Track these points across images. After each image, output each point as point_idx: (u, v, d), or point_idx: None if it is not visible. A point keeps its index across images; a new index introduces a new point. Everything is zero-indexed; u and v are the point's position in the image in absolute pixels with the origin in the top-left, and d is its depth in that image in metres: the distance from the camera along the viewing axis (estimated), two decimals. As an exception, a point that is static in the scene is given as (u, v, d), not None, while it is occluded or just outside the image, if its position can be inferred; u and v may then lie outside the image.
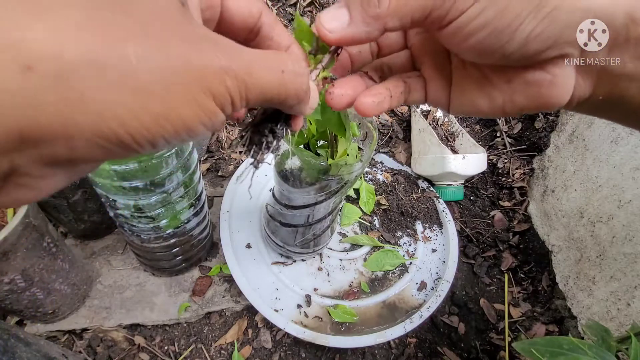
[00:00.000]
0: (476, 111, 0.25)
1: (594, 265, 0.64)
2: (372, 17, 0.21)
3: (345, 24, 0.21)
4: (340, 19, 0.21)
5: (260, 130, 0.22)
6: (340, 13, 0.22)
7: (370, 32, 0.21)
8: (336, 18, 0.22)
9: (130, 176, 0.42)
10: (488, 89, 0.24)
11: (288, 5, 0.91)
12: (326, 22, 0.22)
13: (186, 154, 0.46)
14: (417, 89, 0.27)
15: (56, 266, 0.49)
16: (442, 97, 0.27)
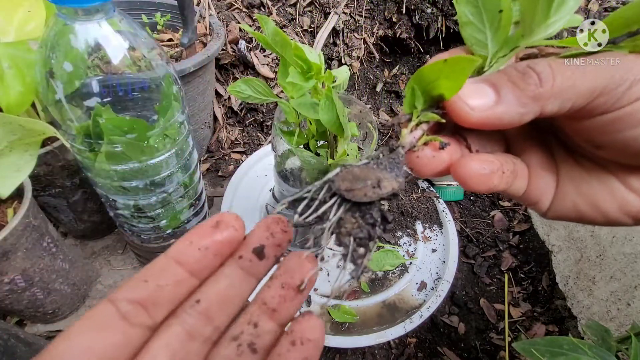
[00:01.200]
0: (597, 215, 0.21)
1: (594, 265, 0.64)
2: (531, 97, 0.17)
3: (491, 102, 0.18)
4: (485, 95, 0.18)
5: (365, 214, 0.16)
6: (482, 89, 0.18)
7: (523, 115, 0.18)
8: (480, 94, 0.18)
9: (130, 176, 0.42)
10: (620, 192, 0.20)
11: (288, 5, 0.91)
12: (468, 96, 0.18)
13: (186, 154, 0.46)
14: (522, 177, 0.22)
15: (56, 266, 0.49)
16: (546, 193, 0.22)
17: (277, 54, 0.40)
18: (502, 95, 0.18)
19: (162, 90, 0.39)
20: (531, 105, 0.17)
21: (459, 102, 0.18)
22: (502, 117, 0.18)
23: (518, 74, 0.18)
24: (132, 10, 0.71)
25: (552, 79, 0.17)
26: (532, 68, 0.17)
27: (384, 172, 0.17)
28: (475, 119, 0.18)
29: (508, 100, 0.17)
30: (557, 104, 0.17)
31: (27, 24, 0.41)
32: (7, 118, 0.36)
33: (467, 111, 0.18)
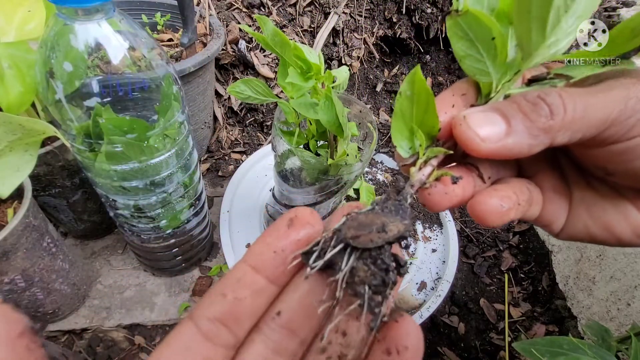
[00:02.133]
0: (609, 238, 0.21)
1: (594, 265, 0.64)
2: (542, 129, 0.17)
3: (502, 133, 0.17)
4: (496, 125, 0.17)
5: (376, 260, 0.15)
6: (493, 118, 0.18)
7: (533, 147, 0.17)
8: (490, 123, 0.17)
9: (130, 176, 0.42)
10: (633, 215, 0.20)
11: (288, 5, 0.91)
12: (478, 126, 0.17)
13: (186, 154, 0.46)
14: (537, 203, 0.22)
15: (56, 266, 0.49)
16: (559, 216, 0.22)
17: (276, 54, 0.40)
18: (513, 125, 0.17)
19: (162, 90, 0.39)
20: (542, 137, 0.17)
21: (469, 132, 0.17)
22: (512, 148, 0.17)
23: (528, 105, 0.17)
24: (132, 10, 0.71)
25: (564, 111, 0.17)
26: (543, 99, 0.17)
27: (389, 215, 0.17)
28: (486, 150, 0.17)
29: (519, 131, 0.17)
30: (568, 135, 0.17)
31: (27, 24, 0.41)
32: (7, 117, 0.36)
33: (478, 142, 0.17)
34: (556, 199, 0.22)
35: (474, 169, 0.21)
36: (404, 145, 0.20)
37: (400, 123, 0.20)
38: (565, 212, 0.22)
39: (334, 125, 0.38)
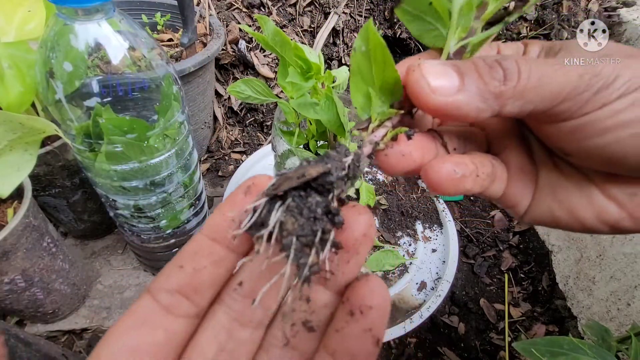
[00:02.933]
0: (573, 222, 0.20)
1: (594, 265, 0.64)
2: (493, 93, 0.16)
3: (454, 88, 0.16)
4: (449, 79, 0.17)
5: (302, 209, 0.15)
6: (448, 72, 0.17)
7: (481, 111, 0.17)
8: (444, 76, 0.17)
9: (130, 176, 0.42)
10: (598, 199, 0.19)
11: (288, 5, 0.91)
12: (431, 75, 0.17)
13: (186, 154, 0.46)
14: (501, 180, 0.21)
15: (56, 266, 0.49)
16: (524, 197, 0.21)
17: (276, 54, 0.40)
18: (466, 83, 0.17)
19: (162, 90, 0.39)
20: (491, 102, 0.17)
21: (421, 81, 0.17)
22: (461, 107, 0.16)
23: (485, 66, 0.17)
24: (132, 10, 0.71)
25: (517, 77, 0.16)
26: (500, 63, 0.17)
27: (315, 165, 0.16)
28: (434, 104, 0.16)
29: (470, 90, 0.16)
30: (518, 105, 0.17)
31: (27, 24, 0.41)
32: (7, 116, 0.36)
33: (428, 93, 0.16)
34: (522, 179, 0.21)
35: (438, 137, 0.20)
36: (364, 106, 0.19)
37: (359, 82, 0.19)
38: (531, 194, 0.21)
39: (335, 124, 0.38)
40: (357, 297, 0.15)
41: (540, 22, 0.89)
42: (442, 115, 0.17)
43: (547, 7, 0.89)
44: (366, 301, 0.15)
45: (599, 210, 0.19)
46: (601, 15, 0.85)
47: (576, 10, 0.87)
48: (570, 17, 0.87)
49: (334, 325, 0.15)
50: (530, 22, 0.90)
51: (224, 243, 0.16)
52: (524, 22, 0.90)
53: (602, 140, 0.17)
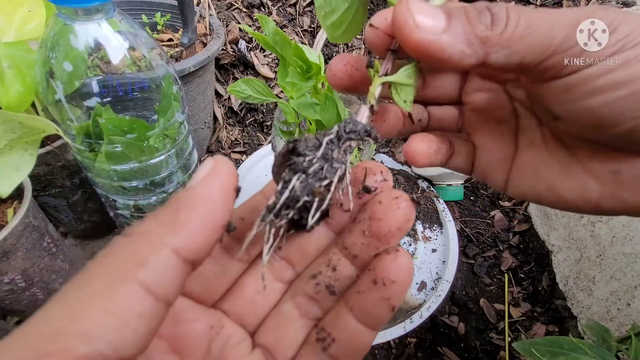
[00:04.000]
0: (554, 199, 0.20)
1: (594, 265, 0.64)
2: (478, 37, 0.16)
3: (440, 28, 0.16)
4: (436, 18, 0.16)
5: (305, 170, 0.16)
6: (435, 12, 0.16)
7: (466, 56, 0.16)
8: (431, 15, 0.16)
9: (130, 176, 0.42)
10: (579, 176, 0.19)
11: (288, 5, 0.91)
12: (418, 11, 0.16)
13: (186, 154, 0.46)
14: (461, 154, 0.23)
15: (56, 266, 0.49)
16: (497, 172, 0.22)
17: (277, 54, 0.40)
18: (452, 25, 0.16)
19: (162, 90, 0.39)
20: (476, 46, 0.16)
21: (406, 14, 0.16)
22: (444, 48, 0.16)
23: (474, 11, 0.16)
24: (132, 10, 0.71)
25: (505, 24, 0.16)
26: (489, 8, 0.16)
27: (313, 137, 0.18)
28: (416, 40, 0.16)
29: (456, 32, 0.16)
30: (503, 54, 0.16)
31: (27, 24, 0.41)
32: (7, 115, 0.36)
33: (412, 27, 0.16)
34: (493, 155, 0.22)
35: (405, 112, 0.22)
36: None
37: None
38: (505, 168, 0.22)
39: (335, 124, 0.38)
40: (382, 269, 0.16)
41: (540, 22, 0.89)
42: (424, 55, 0.16)
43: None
44: (391, 276, 0.16)
45: (580, 188, 0.19)
46: (601, 15, 0.85)
47: (576, 10, 0.87)
48: (570, 17, 0.87)
49: (356, 286, 0.17)
50: (530, 22, 0.90)
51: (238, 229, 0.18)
52: (524, 22, 0.90)
53: (593, 101, 0.16)
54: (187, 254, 0.13)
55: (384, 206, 0.17)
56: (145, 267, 0.12)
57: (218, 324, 0.18)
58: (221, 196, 0.14)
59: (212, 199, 0.14)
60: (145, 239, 0.13)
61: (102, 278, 0.12)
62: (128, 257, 0.13)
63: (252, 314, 0.18)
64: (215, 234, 0.14)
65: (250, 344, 0.18)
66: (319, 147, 0.17)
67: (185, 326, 0.17)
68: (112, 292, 0.12)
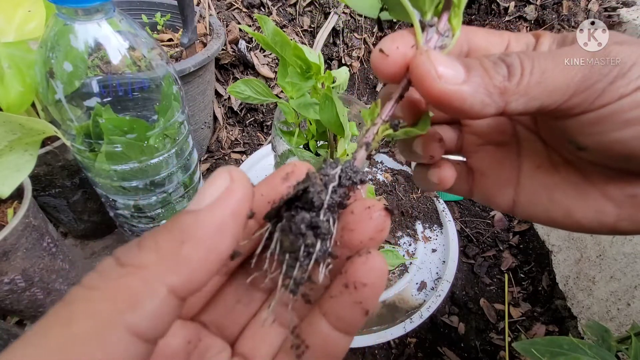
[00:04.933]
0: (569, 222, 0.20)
1: (594, 265, 0.64)
2: (498, 88, 0.16)
3: (460, 79, 0.16)
4: (455, 69, 0.16)
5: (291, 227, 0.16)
6: (454, 63, 0.16)
7: (486, 105, 0.16)
8: (451, 66, 0.16)
9: (130, 176, 0.42)
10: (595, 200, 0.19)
11: (288, 5, 0.91)
12: (439, 62, 0.16)
13: (186, 154, 0.46)
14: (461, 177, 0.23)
15: (56, 266, 0.49)
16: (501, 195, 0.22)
17: (276, 54, 0.40)
18: (471, 76, 0.16)
19: (162, 90, 0.39)
20: (496, 97, 0.16)
21: (428, 65, 0.16)
22: (465, 98, 0.16)
23: (489, 62, 0.17)
24: (132, 10, 0.71)
25: (521, 74, 0.16)
26: (503, 59, 0.17)
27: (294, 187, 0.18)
28: (439, 90, 0.16)
29: (476, 83, 0.16)
30: (522, 102, 0.16)
31: (27, 24, 0.41)
32: (7, 117, 0.36)
33: (434, 77, 0.16)
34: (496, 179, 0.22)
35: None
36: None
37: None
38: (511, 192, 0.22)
39: (334, 124, 0.38)
40: (354, 272, 0.15)
41: (540, 22, 0.89)
42: (445, 104, 0.16)
43: (547, 7, 0.89)
44: (362, 279, 0.15)
45: (597, 211, 0.19)
46: (601, 15, 0.85)
47: (576, 10, 0.87)
48: (570, 17, 0.87)
49: (329, 291, 0.16)
50: (530, 22, 0.90)
51: (256, 218, 0.17)
52: (524, 22, 0.90)
53: (624, 134, 0.16)
54: (183, 293, 0.12)
55: (355, 216, 0.16)
56: (137, 312, 0.11)
57: (195, 337, 0.17)
58: (232, 226, 0.13)
59: (222, 230, 0.13)
60: (141, 276, 0.12)
61: (89, 319, 0.11)
62: (119, 297, 0.11)
63: (232, 324, 0.18)
64: (217, 267, 0.13)
65: (229, 353, 0.18)
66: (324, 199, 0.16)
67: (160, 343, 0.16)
68: (100, 339, 0.11)
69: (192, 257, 0.12)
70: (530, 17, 0.89)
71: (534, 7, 0.89)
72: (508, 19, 0.90)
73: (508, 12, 0.90)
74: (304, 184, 0.16)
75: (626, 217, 0.18)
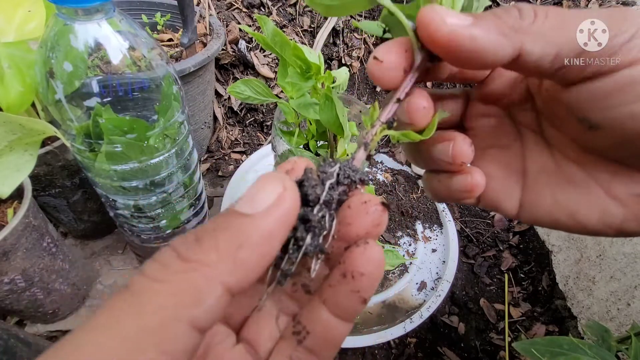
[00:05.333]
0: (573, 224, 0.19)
1: (594, 265, 0.64)
2: (511, 26, 0.15)
3: (468, 22, 0.15)
4: (464, 18, 0.16)
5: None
6: (462, 15, 0.16)
7: (499, 46, 0.15)
8: (459, 17, 0.16)
9: (130, 176, 0.42)
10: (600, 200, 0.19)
11: (288, 5, 0.91)
12: (446, 13, 0.16)
13: (186, 154, 0.46)
14: None
15: (56, 266, 0.49)
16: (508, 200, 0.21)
17: (276, 54, 0.40)
18: (481, 21, 0.16)
19: (162, 90, 0.39)
20: (511, 35, 0.15)
21: (433, 13, 0.16)
22: (477, 39, 0.15)
23: (500, 9, 0.16)
24: (132, 10, 0.71)
25: (534, 16, 0.15)
26: (516, 6, 0.16)
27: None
28: (446, 32, 0.15)
29: (486, 25, 0.15)
30: (539, 45, 0.15)
31: (27, 24, 0.41)
32: (7, 117, 0.36)
33: (439, 22, 0.15)
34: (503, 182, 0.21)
35: None
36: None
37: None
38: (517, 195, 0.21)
39: (334, 124, 0.38)
40: (352, 262, 0.16)
41: (540, 22, 0.89)
42: (455, 50, 0.15)
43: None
44: (360, 268, 0.16)
45: (602, 212, 0.19)
46: (601, 15, 0.85)
47: (576, 10, 0.87)
48: (570, 17, 0.87)
49: (328, 280, 0.17)
50: (530, 22, 0.90)
51: None
52: (524, 22, 0.90)
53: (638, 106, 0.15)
54: (235, 291, 0.13)
55: (352, 211, 0.17)
56: (200, 307, 0.12)
57: None
58: (283, 232, 0.14)
59: (274, 236, 0.14)
60: (204, 274, 0.13)
61: (158, 312, 0.12)
62: (184, 292, 0.12)
63: (236, 313, 0.19)
64: (265, 269, 0.14)
65: (234, 339, 0.19)
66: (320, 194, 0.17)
67: None
68: (166, 331, 0.12)
69: (248, 260, 0.13)
70: (530, 17, 0.89)
71: (534, 7, 0.89)
72: (508, 19, 0.90)
73: (508, 12, 0.90)
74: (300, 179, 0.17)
75: (632, 217, 0.18)
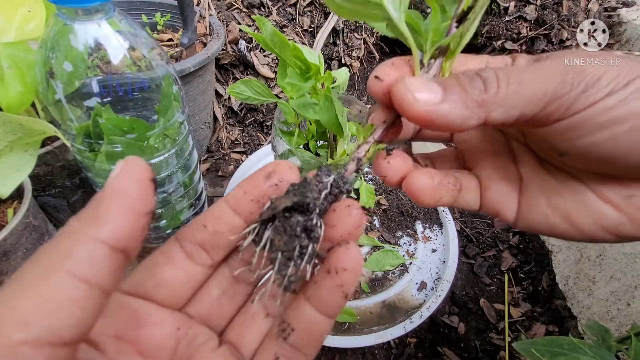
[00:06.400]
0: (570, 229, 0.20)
1: (594, 265, 0.64)
2: (475, 101, 0.17)
3: (437, 99, 0.17)
4: (433, 92, 0.17)
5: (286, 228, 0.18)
6: (431, 86, 0.18)
7: (467, 119, 0.17)
8: (428, 89, 0.17)
9: (130, 176, 0.42)
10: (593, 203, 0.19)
11: (288, 5, 0.91)
12: (416, 89, 0.17)
13: (186, 154, 0.46)
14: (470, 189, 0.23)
15: (56, 266, 0.49)
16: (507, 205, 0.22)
17: (276, 54, 0.40)
18: (449, 95, 0.17)
19: (162, 90, 0.39)
20: (475, 110, 0.17)
21: (405, 91, 0.18)
22: (446, 115, 0.17)
23: (466, 78, 0.18)
24: (132, 10, 0.71)
25: (497, 85, 0.17)
26: (479, 74, 0.18)
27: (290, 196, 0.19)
28: (419, 111, 0.17)
29: (454, 100, 0.17)
30: (502, 111, 0.17)
31: (27, 24, 0.41)
32: (7, 117, 0.36)
33: (412, 101, 0.17)
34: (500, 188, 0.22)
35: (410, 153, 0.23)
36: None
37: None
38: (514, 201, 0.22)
39: (334, 125, 0.38)
40: (336, 259, 0.17)
41: (540, 22, 0.89)
42: (428, 122, 0.17)
43: (547, 7, 0.89)
44: (343, 264, 0.17)
45: (597, 215, 0.19)
46: (601, 15, 0.85)
47: (576, 10, 0.87)
48: (570, 17, 0.87)
49: (313, 278, 0.18)
50: (530, 22, 0.90)
51: (242, 215, 0.19)
52: (524, 22, 0.90)
53: (597, 136, 0.17)
54: (114, 243, 0.14)
55: (337, 214, 0.19)
56: (71, 259, 0.13)
57: (185, 324, 0.19)
58: (137, 187, 0.15)
59: (129, 189, 0.15)
60: (69, 236, 0.14)
61: (34, 270, 0.13)
62: (55, 252, 0.14)
63: (217, 315, 0.20)
64: (138, 221, 0.15)
65: (217, 341, 0.19)
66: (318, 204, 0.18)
67: (150, 329, 0.18)
68: (45, 281, 0.13)
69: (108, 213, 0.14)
70: (530, 17, 0.89)
71: (534, 7, 0.89)
72: (508, 19, 0.90)
73: (508, 12, 0.90)
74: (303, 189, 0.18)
75: (627, 219, 0.18)
